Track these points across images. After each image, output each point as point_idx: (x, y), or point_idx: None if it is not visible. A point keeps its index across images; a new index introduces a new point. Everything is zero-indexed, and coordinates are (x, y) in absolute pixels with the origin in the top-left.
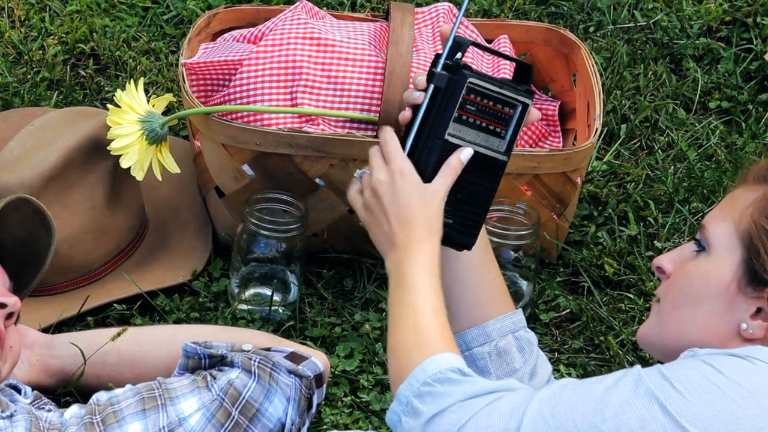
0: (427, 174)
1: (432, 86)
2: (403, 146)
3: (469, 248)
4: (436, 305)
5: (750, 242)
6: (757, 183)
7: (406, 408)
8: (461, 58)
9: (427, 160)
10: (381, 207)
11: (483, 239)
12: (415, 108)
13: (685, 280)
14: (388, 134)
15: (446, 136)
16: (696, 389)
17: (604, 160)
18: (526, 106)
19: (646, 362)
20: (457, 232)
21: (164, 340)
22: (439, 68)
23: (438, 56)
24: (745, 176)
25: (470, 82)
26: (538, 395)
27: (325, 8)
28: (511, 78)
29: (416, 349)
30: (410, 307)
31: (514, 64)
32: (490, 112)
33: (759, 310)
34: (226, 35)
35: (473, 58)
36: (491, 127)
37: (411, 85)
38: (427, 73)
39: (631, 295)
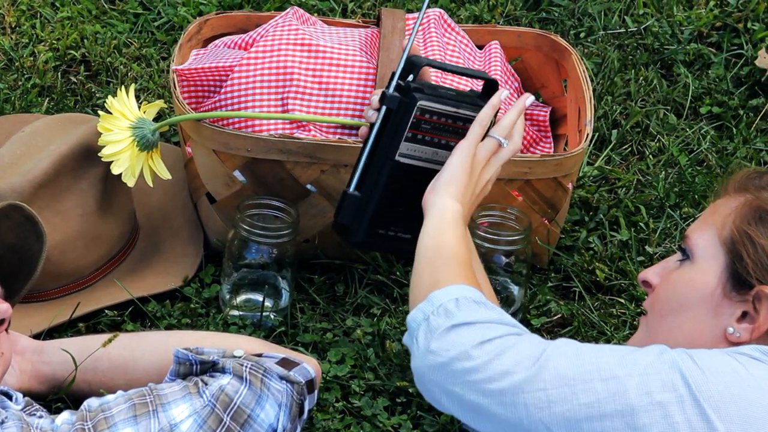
0: (378, 191)
1: (384, 107)
2: (358, 163)
3: None
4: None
5: (733, 247)
6: (737, 192)
7: (437, 309)
8: (414, 79)
9: (378, 179)
10: (484, 172)
11: None
12: (371, 126)
13: (670, 289)
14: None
15: (397, 157)
16: (716, 370)
17: (595, 165)
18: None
19: None
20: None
21: (155, 346)
22: (391, 89)
23: (393, 75)
24: (726, 187)
25: (420, 105)
26: (560, 339)
27: (316, 14)
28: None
29: (463, 273)
30: (464, 248)
31: (497, 70)
32: (449, 129)
33: (744, 314)
34: (217, 41)
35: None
36: (452, 144)
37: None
38: (380, 93)
39: (623, 300)
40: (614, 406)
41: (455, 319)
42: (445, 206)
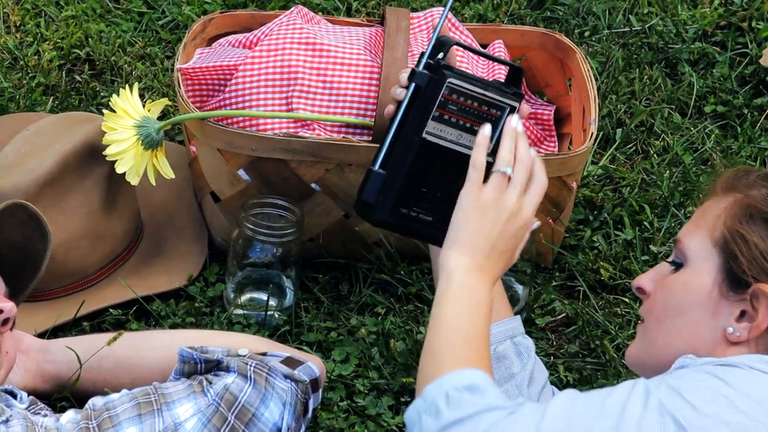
0: (404, 169)
1: (413, 84)
2: (384, 140)
3: (441, 245)
4: (486, 331)
5: (726, 247)
6: (725, 192)
7: (429, 407)
8: (444, 58)
9: (404, 157)
10: (500, 219)
11: None
12: (399, 104)
13: (666, 294)
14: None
15: (424, 134)
16: (707, 402)
17: (600, 164)
18: (513, 109)
19: None
20: (437, 230)
21: (160, 344)
22: (420, 67)
23: (422, 54)
24: (713, 188)
25: (450, 83)
26: (550, 408)
27: (320, 13)
28: (504, 80)
29: (456, 358)
30: (465, 318)
31: (501, 69)
32: (474, 113)
33: (743, 313)
34: (221, 40)
35: (468, 62)
36: (476, 128)
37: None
38: (410, 71)
39: (627, 299)
40: None
41: (444, 419)
42: (449, 267)
